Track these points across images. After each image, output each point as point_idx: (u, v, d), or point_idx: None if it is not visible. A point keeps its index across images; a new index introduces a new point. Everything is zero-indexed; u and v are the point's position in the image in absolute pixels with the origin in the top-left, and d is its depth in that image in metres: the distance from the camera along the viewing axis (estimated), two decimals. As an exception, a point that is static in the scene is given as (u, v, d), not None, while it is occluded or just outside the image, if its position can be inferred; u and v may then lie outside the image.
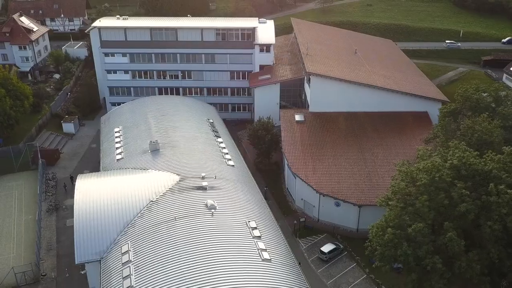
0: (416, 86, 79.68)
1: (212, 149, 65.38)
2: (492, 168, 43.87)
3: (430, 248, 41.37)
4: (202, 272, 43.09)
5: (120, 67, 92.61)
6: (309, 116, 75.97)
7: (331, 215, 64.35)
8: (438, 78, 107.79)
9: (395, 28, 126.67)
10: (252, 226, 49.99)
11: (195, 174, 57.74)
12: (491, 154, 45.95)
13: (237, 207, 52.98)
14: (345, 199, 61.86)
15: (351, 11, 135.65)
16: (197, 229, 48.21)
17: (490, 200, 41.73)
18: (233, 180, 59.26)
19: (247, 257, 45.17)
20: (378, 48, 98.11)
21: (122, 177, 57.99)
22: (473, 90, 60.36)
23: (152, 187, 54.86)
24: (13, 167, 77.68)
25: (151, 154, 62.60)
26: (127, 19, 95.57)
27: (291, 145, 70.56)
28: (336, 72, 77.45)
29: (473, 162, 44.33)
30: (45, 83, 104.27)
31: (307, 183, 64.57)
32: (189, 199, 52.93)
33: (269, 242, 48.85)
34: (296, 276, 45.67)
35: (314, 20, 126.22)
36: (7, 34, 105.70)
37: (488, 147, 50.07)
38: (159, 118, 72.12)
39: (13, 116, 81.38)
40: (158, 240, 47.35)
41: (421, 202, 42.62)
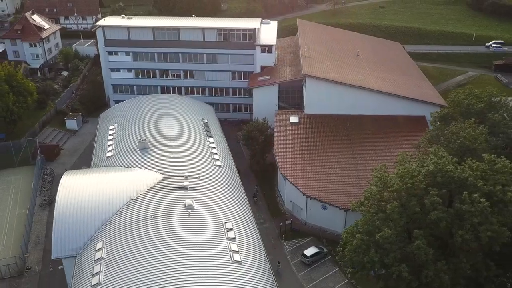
0: (416, 90, 78.07)
1: (201, 149, 65.24)
2: (468, 175, 42.52)
3: (398, 256, 40.34)
4: (170, 271, 43.05)
5: (124, 66, 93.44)
6: (304, 118, 75.22)
7: (318, 218, 63.56)
8: (446, 82, 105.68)
9: (406, 31, 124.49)
10: (227, 228, 49.68)
11: (179, 173, 57.70)
12: (470, 162, 44.58)
13: (215, 208, 52.69)
14: (332, 202, 61.00)
15: (363, 13, 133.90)
16: (171, 229, 48.17)
17: (463, 209, 40.44)
18: (217, 180, 59.00)
19: (217, 258, 44.87)
20: (383, 51, 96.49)
21: (106, 175, 58.33)
22: (464, 95, 58.78)
23: (134, 185, 55.00)
24: (13, 161, 79.17)
25: (140, 153, 62.81)
26: (132, 18, 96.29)
27: (283, 147, 69.98)
28: (334, 75, 76.50)
29: (449, 169, 43.05)
30: (54, 80, 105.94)
31: (294, 185, 63.97)
32: (169, 199, 52.90)
33: (243, 244, 48.40)
34: (266, 279, 45.16)
35: (323, 22, 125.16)
36: (18, 32, 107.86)
37: (471, 154, 48.65)
38: (154, 117, 72.30)
39: (15, 112, 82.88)
40: (132, 238, 47.45)
41: (391, 209, 41.63)
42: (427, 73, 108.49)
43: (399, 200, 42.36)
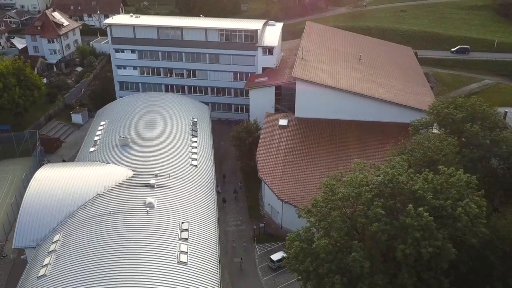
0: (412, 96, 75.17)
1: (181, 148, 65.22)
2: (419, 188, 40.41)
3: (333, 267, 38.78)
4: (114, 268, 43.38)
5: (129, 63, 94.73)
6: (293, 121, 73.93)
7: (293, 223, 61.59)
8: (459, 90, 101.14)
9: (424, 35, 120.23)
10: (183, 228, 49.43)
11: (150, 171, 57.87)
12: (426, 174, 42.39)
13: (176, 207, 52.51)
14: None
15: (382, 17, 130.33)
16: (125, 226, 48.42)
17: (406, 222, 38.45)
18: (188, 180, 58.79)
19: (163, 258, 44.74)
20: (389, 56, 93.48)
21: (80, 169, 59.17)
22: (446, 104, 55.99)
23: (104, 180, 55.59)
24: (15, 152, 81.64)
25: (120, 149, 63.44)
26: (139, 17, 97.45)
27: (267, 149, 69.00)
28: (327, 79, 74.75)
29: (400, 180, 41.06)
30: (68, 75, 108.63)
31: (270, 188, 62.93)
32: (133, 196, 53.20)
33: (196, 245, 48.01)
34: (210, 281, 44.53)
35: (341, 25, 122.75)
36: (38, 28, 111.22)
37: (435, 166, 46.23)
38: (143, 115, 72.90)
39: (21, 104, 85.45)
40: (86, 233, 48.01)
41: (333, 218, 40.11)
42: (440, 79, 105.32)
43: (343, 209, 40.75)
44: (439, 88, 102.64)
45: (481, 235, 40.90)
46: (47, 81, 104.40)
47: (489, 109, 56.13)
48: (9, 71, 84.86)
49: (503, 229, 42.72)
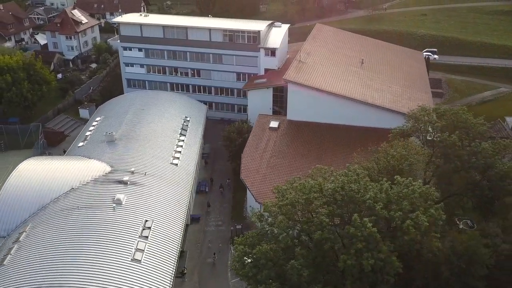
0: (408, 103, 72.43)
1: (165, 147, 65.42)
2: (369, 197, 38.87)
3: (272, 274, 37.77)
4: (68, 261, 43.98)
5: (136, 61, 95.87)
6: (284, 124, 72.83)
7: (271, 227, 61.18)
8: (470, 97, 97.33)
9: (443, 40, 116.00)
10: (146, 226, 49.53)
11: (128, 168, 58.27)
12: (381, 183, 40.75)
13: (144, 205, 52.66)
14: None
15: (401, 20, 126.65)
16: (89, 221, 48.98)
17: (350, 232, 37.05)
18: (164, 178, 58.86)
19: (117, 255, 44.95)
20: (395, 60, 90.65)
21: (61, 163, 60.21)
22: (424, 112, 53.71)
23: (80, 175, 56.41)
24: (20, 144, 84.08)
25: (105, 145, 64.31)
26: (148, 16, 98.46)
27: (253, 150, 68.20)
28: (321, 82, 73.17)
29: (351, 188, 39.63)
30: (83, 71, 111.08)
31: (250, 190, 62.19)
32: (104, 191, 53.76)
33: (155, 244, 48.05)
34: (162, 280, 44.32)
35: (356, 28, 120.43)
36: (58, 25, 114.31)
37: (398, 175, 44.37)
38: (137, 112, 73.60)
39: (29, 98, 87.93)
40: (51, 225, 48.89)
41: (278, 223, 39.10)
42: (453, 86, 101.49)
43: (290, 215, 39.66)
44: (450, 94, 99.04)
45: (436, 249, 39.08)
46: (62, 76, 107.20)
47: (472, 119, 53.44)
48: (19, 66, 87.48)
49: (462, 244, 40.50)
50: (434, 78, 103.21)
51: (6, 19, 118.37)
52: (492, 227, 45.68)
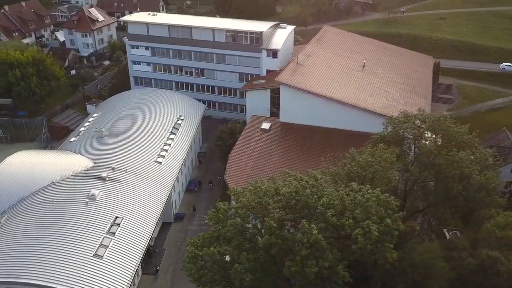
0: (402, 108, 70.47)
1: (152, 144, 65.73)
2: (322, 203, 37.85)
3: (216, 277, 37.25)
4: (31, 253, 44.63)
5: (143, 59, 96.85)
6: (276, 126, 72.02)
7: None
8: (479, 104, 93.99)
9: (458, 45, 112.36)
10: (116, 222, 49.82)
11: (110, 164, 58.84)
12: (337, 189, 39.63)
13: (118, 201, 53.01)
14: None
15: (418, 24, 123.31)
16: (60, 215, 49.70)
17: (296, 238, 36.16)
18: (145, 176, 59.10)
19: (80, 250, 45.38)
20: (401, 64, 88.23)
21: (48, 157, 61.42)
22: (404, 118, 51.88)
23: (63, 169, 57.34)
24: (25, 137, 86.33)
25: (94, 141, 65.19)
26: (156, 15, 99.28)
27: (240, 151, 67.64)
28: (316, 85, 71.90)
29: (306, 194, 38.69)
30: (96, 68, 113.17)
31: (229, 191, 61.61)
32: (82, 186, 54.44)
33: (122, 240, 48.21)
34: (121, 276, 44.49)
35: (371, 31, 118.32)
36: (75, 22, 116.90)
37: (363, 182, 43.09)
38: (132, 109, 74.32)
39: (37, 93, 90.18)
40: (24, 218, 49.95)
41: (227, 226, 38.52)
42: (464, 92, 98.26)
43: (241, 218, 39.02)
44: (459, 101, 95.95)
45: (391, 260, 37.66)
46: (76, 72, 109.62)
47: (453, 127, 51.21)
48: (29, 62, 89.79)
49: (418, 256, 38.87)
50: (445, 83, 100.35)
51: (28, 16, 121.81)
52: (461, 239, 43.80)
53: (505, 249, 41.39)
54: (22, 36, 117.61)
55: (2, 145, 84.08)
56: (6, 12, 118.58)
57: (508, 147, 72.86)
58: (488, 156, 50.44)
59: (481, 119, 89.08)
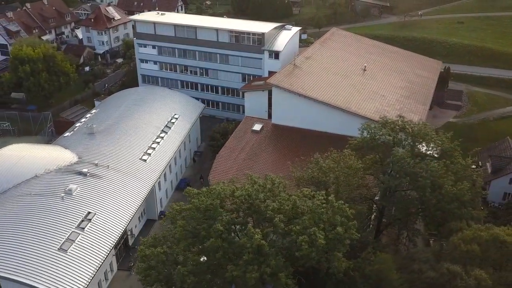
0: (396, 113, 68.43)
1: (140, 142, 66.09)
2: (272, 208, 37.12)
3: (160, 277, 37.02)
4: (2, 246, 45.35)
5: (150, 58, 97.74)
6: (268, 128, 71.27)
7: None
8: (489, 112, 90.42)
9: (474, 50, 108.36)
10: (87, 218, 50.29)
11: (94, 160, 59.51)
12: (290, 194, 38.80)
13: (95, 197, 53.51)
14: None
15: (435, 28, 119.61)
16: (35, 208, 50.58)
17: (239, 242, 35.57)
18: (127, 173, 59.43)
19: (46, 243, 45.96)
20: (404, 69, 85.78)
21: (38, 151, 62.51)
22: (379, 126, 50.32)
23: (47, 163, 58.37)
24: (32, 131, 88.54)
25: (85, 136, 66.12)
26: (164, 14, 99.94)
27: (228, 152, 67.19)
28: (310, 88, 70.67)
29: (258, 197, 38.03)
30: (110, 65, 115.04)
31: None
32: (61, 180, 55.28)
33: (90, 235, 48.69)
34: (83, 270, 44.86)
35: (385, 34, 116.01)
36: (92, 20, 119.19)
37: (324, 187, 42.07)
38: (128, 107, 75.08)
39: (46, 89, 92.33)
40: (2, 208, 50.67)
41: (177, 227, 38.26)
42: (474, 99, 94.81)
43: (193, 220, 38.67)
44: (468, 107, 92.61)
45: (341, 269, 36.58)
46: (90, 69, 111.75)
47: (433, 135, 49.32)
48: (39, 58, 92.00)
49: (370, 267, 37.56)
50: (455, 89, 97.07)
51: (48, 14, 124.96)
52: (425, 251, 42.11)
53: (468, 264, 39.49)
54: (42, 33, 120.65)
55: (10, 137, 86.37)
56: (27, 10, 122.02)
57: (508, 157, 69.81)
58: (467, 166, 48.49)
59: (489, 127, 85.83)
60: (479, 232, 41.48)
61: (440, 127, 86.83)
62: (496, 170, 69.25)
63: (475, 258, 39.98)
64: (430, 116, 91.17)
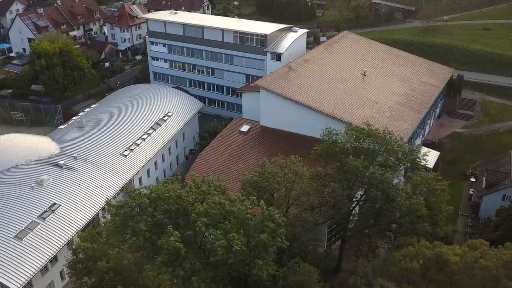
0: (385, 120, 65.89)
1: (126, 138, 66.75)
2: (198, 211, 36.45)
3: (84, 271, 37.13)
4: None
5: (161, 56, 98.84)
6: (256, 129, 70.32)
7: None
8: (500, 123, 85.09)
9: (496, 58, 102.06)
10: (52, 209, 51.24)
11: (74, 152, 60.72)
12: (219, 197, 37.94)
13: (64, 189, 54.39)
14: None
15: (459, 34, 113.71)
16: (5, 196, 51.78)
17: (159, 244, 35.10)
18: (104, 167, 60.15)
19: (5, 229, 47.25)
20: (409, 75, 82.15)
21: (25, 141, 64.21)
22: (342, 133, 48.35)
23: (30, 154, 60.12)
24: (43, 121, 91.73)
25: (75, 130, 67.66)
26: (177, 13, 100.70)
27: (212, 152, 66.75)
28: (300, 91, 69.04)
29: (188, 200, 37.51)
30: (130, 61, 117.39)
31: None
32: (38, 171, 56.78)
33: (50, 226, 49.51)
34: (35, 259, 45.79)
35: (404, 38, 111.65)
36: (116, 18, 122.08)
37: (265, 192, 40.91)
38: (125, 103, 76.23)
39: (60, 82, 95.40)
40: (-25, 196, 52.60)
41: (107, 226, 38.29)
42: (486, 109, 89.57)
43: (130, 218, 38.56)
44: (479, 118, 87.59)
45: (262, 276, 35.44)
46: (110, 65, 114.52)
47: (393, 145, 46.74)
48: (55, 52, 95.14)
49: (292, 277, 36.07)
50: (469, 98, 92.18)
51: (78, 10, 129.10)
52: (366, 266, 40.06)
53: (404, 281, 37.25)
54: (70, 28, 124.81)
55: (23, 127, 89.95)
56: (58, 6, 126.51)
57: (504, 173, 65.44)
58: (431, 179, 45.87)
59: (497, 140, 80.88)
60: (424, 249, 39.01)
61: (444, 137, 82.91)
62: (490, 185, 65.18)
63: (414, 276, 37.66)
64: (436, 125, 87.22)
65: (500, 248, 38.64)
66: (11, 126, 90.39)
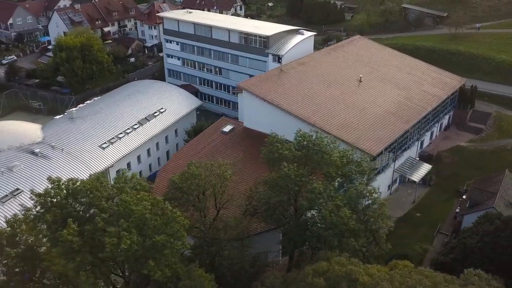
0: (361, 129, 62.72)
1: (109, 131, 68.02)
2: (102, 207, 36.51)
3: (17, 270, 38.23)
4: None
5: (175, 54, 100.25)
6: (238, 130, 69.30)
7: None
8: (508, 139, 78.75)
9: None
10: (13, 194, 53.20)
11: (53, 142, 62.77)
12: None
13: (34, 175, 56.12)
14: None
15: (488, 42, 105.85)
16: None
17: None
18: (80, 158, 61.56)
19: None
20: (410, 83, 77.52)
21: (16, 128, 67.13)
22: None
23: (14, 140, 62.73)
24: (59, 111, 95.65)
25: (66, 120, 70.07)
26: (191, 13, 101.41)
27: (188, 150, 66.59)
28: (284, 95, 67.36)
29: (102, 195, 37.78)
30: (154, 58, 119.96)
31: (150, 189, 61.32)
32: (14, 157, 59.02)
33: (8, 210, 51.30)
34: None
35: (427, 45, 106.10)
36: (145, 15, 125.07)
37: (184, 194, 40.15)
38: (122, 97, 77.88)
39: (79, 75, 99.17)
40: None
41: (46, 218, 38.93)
42: (499, 123, 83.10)
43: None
44: (489, 132, 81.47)
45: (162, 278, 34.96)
46: (135, 60, 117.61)
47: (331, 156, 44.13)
48: (75, 46, 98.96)
49: (183, 282, 35.09)
50: (483, 111, 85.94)
51: (113, 7, 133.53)
52: (277, 277, 38.28)
53: (307, 297, 35.24)
54: (104, 24, 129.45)
55: (40, 115, 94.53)
56: (95, 2, 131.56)
57: (491, 193, 60.22)
58: (369, 192, 43.18)
59: (501, 156, 74.81)
60: (336, 266, 36.70)
61: (444, 150, 77.78)
62: (474, 204, 60.38)
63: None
64: (440, 137, 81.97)
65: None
66: (31, 114, 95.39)
